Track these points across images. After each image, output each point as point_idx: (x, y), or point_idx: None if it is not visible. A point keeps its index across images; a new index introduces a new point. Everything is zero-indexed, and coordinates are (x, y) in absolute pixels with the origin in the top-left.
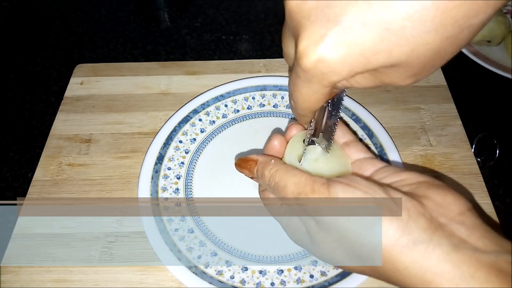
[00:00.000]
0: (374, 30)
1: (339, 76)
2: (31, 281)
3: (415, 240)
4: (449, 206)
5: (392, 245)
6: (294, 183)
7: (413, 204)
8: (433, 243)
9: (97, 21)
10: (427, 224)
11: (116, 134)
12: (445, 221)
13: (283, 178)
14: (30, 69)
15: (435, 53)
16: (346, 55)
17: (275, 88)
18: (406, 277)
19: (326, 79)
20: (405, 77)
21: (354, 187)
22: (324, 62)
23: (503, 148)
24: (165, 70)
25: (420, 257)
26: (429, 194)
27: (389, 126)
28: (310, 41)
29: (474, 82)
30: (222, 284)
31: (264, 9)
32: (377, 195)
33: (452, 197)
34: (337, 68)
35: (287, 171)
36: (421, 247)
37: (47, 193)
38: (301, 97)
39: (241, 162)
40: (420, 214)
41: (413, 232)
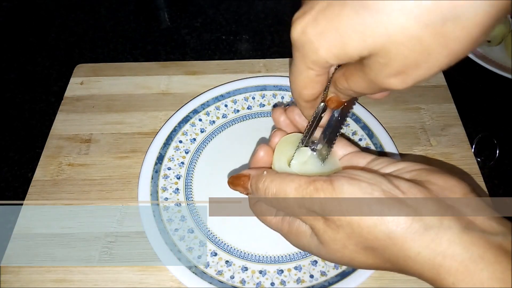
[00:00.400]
0: (349, 7)
1: (318, 55)
2: (31, 281)
3: (426, 225)
4: (453, 188)
5: (405, 232)
6: (294, 189)
7: (419, 189)
8: (443, 227)
9: (97, 21)
10: (435, 207)
11: (116, 134)
12: (452, 202)
13: (281, 187)
14: (30, 69)
15: (417, 45)
16: (323, 31)
17: (275, 88)
18: (418, 263)
19: (308, 56)
20: (388, 72)
21: (358, 179)
22: (305, 34)
23: (503, 148)
24: (165, 70)
25: (431, 241)
26: (431, 179)
27: (389, 126)
28: (300, 13)
29: (474, 82)
30: (222, 284)
31: (264, 9)
32: (382, 184)
33: (454, 180)
34: (315, 44)
35: (283, 179)
36: (433, 231)
37: (47, 193)
38: (291, 76)
39: (234, 180)
40: (427, 198)
41: (424, 218)
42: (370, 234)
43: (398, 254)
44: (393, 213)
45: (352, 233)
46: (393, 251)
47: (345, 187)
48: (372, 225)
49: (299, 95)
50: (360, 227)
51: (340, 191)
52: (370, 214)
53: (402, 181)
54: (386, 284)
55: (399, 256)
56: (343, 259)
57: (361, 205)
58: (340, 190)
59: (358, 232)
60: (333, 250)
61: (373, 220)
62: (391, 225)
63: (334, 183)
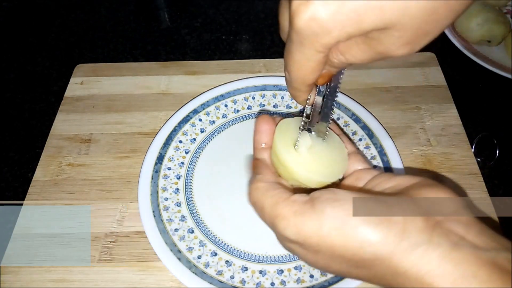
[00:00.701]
0: None
1: (330, 37)
2: (31, 281)
3: (414, 243)
4: (443, 203)
5: (392, 251)
6: (270, 205)
7: (408, 205)
8: (432, 244)
9: (97, 21)
10: (423, 223)
11: (116, 134)
12: (441, 218)
13: (260, 199)
14: (30, 69)
15: (429, 14)
16: (337, 12)
17: (275, 88)
18: (406, 280)
19: (318, 40)
20: (399, 44)
21: (341, 200)
22: (316, 20)
23: (503, 148)
24: (165, 70)
25: (420, 259)
26: (423, 193)
27: (389, 126)
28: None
29: (474, 82)
30: (222, 284)
31: (264, 9)
32: (367, 203)
33: (446, 195)
34: (329, 26)
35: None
36: (421, 249)
37: (47, 193)
38: (294, 65)
39: None
40: (415, 213)
41: (412, 235)
42: (355, 256)
43: (385, 271)
44: (379, 234)
45: (333, 256)
46: (380, 268)
47: (328, 209)
48: (357, 248)
49: (303, 81)
50: (344, 249)
51: (321, 214)
52: (355, 237)
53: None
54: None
55: (386, 273)
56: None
57: (344, 228)
58: (321, 213)
59: (342, 254)
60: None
61: (358, 243)
62: (378, 246)
63: (315, 206)
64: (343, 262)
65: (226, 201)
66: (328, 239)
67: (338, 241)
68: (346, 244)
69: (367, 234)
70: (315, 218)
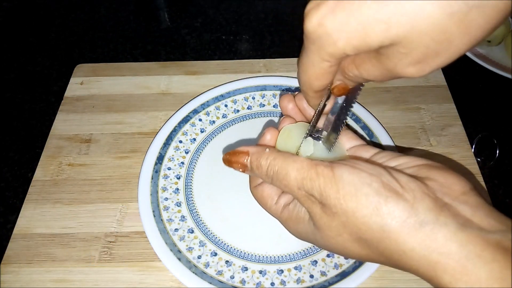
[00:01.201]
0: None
1: (336, 47)
2: (31, 281)
3: (421, 221)
4: (452, 186)
5: (399, 226)
6: (296, 169)
7: (418, 184)
8: (439, 223)
9: (97, 21)
10: (432, 204)
11: (116, 134)
12: (450, 200)
13: (283, 166)
14: (30, 69)
15: (438, 33)
16: (344, 23)
17: (275, 88)
18: (413, 259)
19: (324, 48)
20: (407, 62)
21: (359, 168)
22: (323, 26)
23: (503, 148)
24: (165, 70)
25: (426, 237)
26: (431, 176)
27: (389, 126)
28: (314, 4)
29: (474, 82)
30: (222, 284)
31: (264, 9)
32: (382, 176)
33: (454, 178)
34: (334, 35)
35: (285, 157)
36: (428, 228)
37: (47, 193)
38: (301, 67)
39: (231, 156)
40: (425, 194)
41: (420, 213)
42: (364, 225)
43: (392, 248)
44: (389, 206)
45: (347, 222)
46: (387, 244)
47: (345, 175)
48: (367, 215)
49: (309, 86)
50: (355, 216)
51: (340, 179)
52: (366, 204)
53: (402, 175)
54: (386, 284)
55: (393, 250)
56: (337, 246)
57: (358, 195)
58: (340, 177)
59: (353, 221)
60: (328, 237)
61: (368, 210)
62: (386, 217)
63: (335, 170)
64: (353, 233)
65: (226, 201)
66: (343, 202)
67: (351, 207)
68: (357, 210)
69: (377, 204)
70: (333, 182)
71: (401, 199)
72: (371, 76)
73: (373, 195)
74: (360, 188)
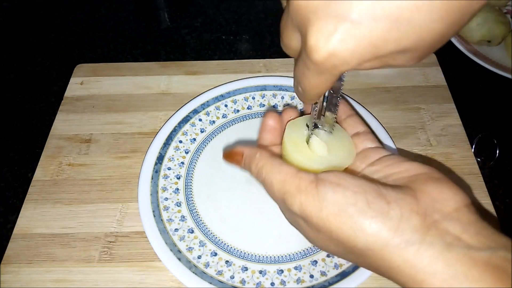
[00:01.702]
0: (383, 23)
1: (349, 66)
2: (31, 281)
3: (407, 241)
4: (445, 201)
5: (385, 245)
6: (279, 181)
7: (407, 201)
8: (425, 244)
9: (97, 21)
10: (420, 222)
11: (116, 134)
12: (439, 217)
13: (268, 175)
14: (30, 69)
15: (439, 38)
16: (356, 47)
17: (275, 88)
18: (399, 275)
19: (337, 69)
20: (410, 59)
21: (344, 186)
22: (335, 56)
23: (503, 148)
24: (165, 70)
25: (412, 257)
26: (426, 188)
27: (389, 126)
28: (320, 36)
29: (474, 82)
30: (222, 284)
31: (264, 9)
32: (368, 194)
33: (450, 192)
34: (348, 59)
35: (272, 166)
36: (413, 248)
37: (47, 193)
38: (309, 85)
39: (228, 156)
40: (413, 212)
41: (405, 233)
42: (349, 243)
43: (379, 263)
44: (373, 227)
45: (332, 238)
46: (374, 260)
47: (329, 194)
48: (351, 236)
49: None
50: (339, 236)
51: (324, 197)
52: (350, 225)
53: (392, 191)
54: (386, 284)
55: (380, 265)
56: (328, 250)
57: (342, 215)
58: (323, 195)
59: (337, 239)
60: (318, 244)
61: (352, 231)
62: (371, 238)
63: (319, 187)
64: (339, 246)
65: (226, 201)
66: (326, 222)
67: (335, 226)
68: (341, 230)
69: (361, 225)
70: (316, 199)
71: (387, 219)
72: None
73: (358, 216)
74: (345, 209)
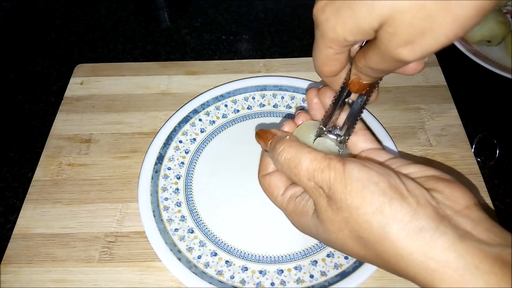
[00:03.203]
0: None
1: (335, 33)
2: (31, 281)
3: (422, 227)
4: (456, 199)
5: (400, 229)
6: (309, 160)
7: (423, 192)
8: (439, 232)
9: (97, 21)
10: (434, 213)
11: (116, 134)
12: (452, 213)
13: (296, 155)
14: (30, 69)
15: (418, 9)
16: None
17: (275, 88)
18: (410, 264)
19: (326, 34)
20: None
21: (369, 167)
22: (324, 13)
23: (503, 148)
24: (165, 70)
25: (425, 244)
26: (438, 187)
27: (389, 126)
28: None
29: (474, 82)
30: (222, 284)
31: (264, 9)
32: (390, 177)
33: (460, 191)
34: (333, 21)
35: (301, 147)
36: (427, 234)
37: (47, 193)
38: (313, 53)
39: (261, 133)
40: (428, 202)
41: (421, 219)
42: (366, 222)
43: (391, 251)
44: (392, 207)
45: (350, 218)
46: (386, 247)
47: (355, 171)
48: (369, 213)
49: (320, 71)
50: (358, 213)
51: (349, 174)
52: (370, 202)
53: (410, 181)
54: (386, 284)
55: (391, 254)
56: (337, 242)
57: (364, 192)
58: (349, 173)
59: (355, 218)
60: (329, 231)
61: (372, 208)
62: (388, 217)
63: (346, 165)
64: (354, 229)
65: (226, 201)
66: (349, 197)
67: (356, 203)
68: (361, 207)
69: (381, 203)
70: (343, 177)
71: (405, 203)
72: (374, 64)
73: (379, 194)
74: (367, 186)
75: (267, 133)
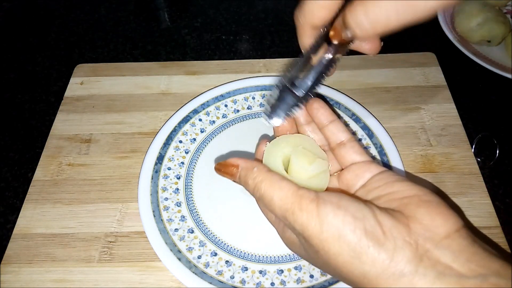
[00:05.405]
0: None
1: None
2: (31, 281)
3: (400, 272)
4: (436, 229)
5: (379, 274)
6: (280, 198)
7: (399, 231)
8: (418, 275)
9: (97, 21)
10: (412, 254)
11: (116, 134)
12: (431, 246)
13: (268, 191)
14: (30, 69)
15: None
16: None
17: None
18: None
19: None
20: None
21: (345, 210)
22: None
23: (503, 148)
24: (165, 70)
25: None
26: (418, 215)
27: (389, 126)
28: None
29: (474, 82)
30: (222, 284)
31: (264, 9)
32: (366, 221)
33: (441, 217)
34: None
35: (272, 182)
36: (406, 279)
37: (47, 193)
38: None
39: (221, 167)
40: (406, 242)
41: (399, 263)
42: (345, 268)
43: None
44: (370, 255)
45: (329, 262)
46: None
47: (330, 216)
48: (348, 262)
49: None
50: (336, 260)
51: (324, 219)
52: (348, 251)
53: (387, 219)
54: None
55: None
56: (327, 272)
57: (341, 241)
58: (324, 217)
59: (335, 264)
60: (318, 264)
61: (350, 257)
62: (367, 266)
63: (320, 207)
64: (336, 269)
65: (226, 201)
66: (326, 245)
67: (333, 250)
68: (339, 255)
69: (359, 253)
70: (317, 221)
71: (382, 249)
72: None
73: (355, 243)
74: (344, 235)
75: (229, 166)
